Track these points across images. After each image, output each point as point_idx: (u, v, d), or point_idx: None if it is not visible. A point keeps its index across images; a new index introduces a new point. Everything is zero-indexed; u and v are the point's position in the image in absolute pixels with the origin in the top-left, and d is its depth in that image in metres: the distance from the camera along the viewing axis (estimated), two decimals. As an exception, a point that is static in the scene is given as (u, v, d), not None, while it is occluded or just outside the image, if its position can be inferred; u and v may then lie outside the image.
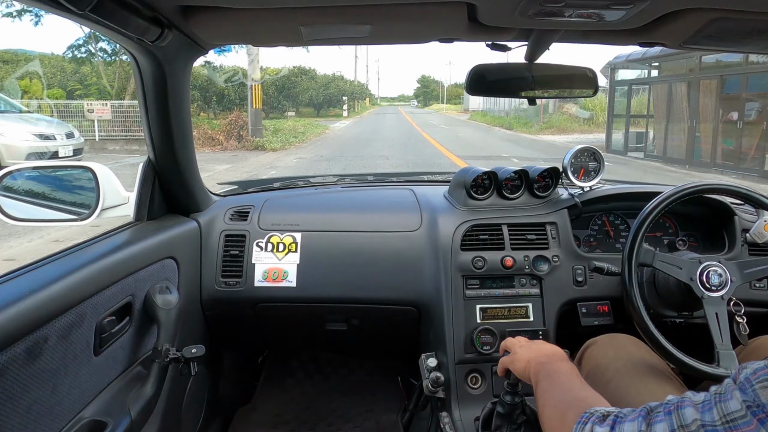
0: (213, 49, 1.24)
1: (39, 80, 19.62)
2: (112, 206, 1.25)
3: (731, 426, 0.47)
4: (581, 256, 1.45)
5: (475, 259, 1.41)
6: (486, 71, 1.26)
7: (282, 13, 0.96)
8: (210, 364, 1.62)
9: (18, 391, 0.77)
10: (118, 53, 15.09)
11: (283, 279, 1.47)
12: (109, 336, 1.01)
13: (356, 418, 1.87)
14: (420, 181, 1.93)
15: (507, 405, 1.16)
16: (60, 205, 1.27)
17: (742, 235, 1.46)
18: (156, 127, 1.23)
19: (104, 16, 0.82)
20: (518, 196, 1.54)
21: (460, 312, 1.38)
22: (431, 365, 1.34)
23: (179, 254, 1.33)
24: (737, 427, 0.47)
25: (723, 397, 0.49)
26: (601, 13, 0.89)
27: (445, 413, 1.31)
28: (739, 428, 0.46)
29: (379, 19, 1.00)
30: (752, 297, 1.37)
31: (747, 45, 1.10)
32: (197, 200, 1.48)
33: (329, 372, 2.11)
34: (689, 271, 1.17)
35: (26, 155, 8.38)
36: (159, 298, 1.15)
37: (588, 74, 1.30)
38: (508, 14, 0.92)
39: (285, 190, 1.80)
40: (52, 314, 0.84)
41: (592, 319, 1.40)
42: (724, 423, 0.47)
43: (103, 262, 1.02)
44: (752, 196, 1.24)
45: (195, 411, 1.52)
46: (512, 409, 1.16)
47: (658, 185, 1.62)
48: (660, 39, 1.08)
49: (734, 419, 0.47)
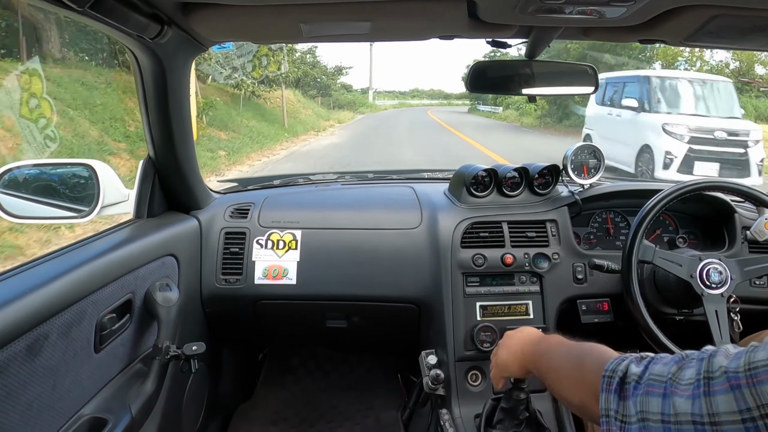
0: (213, 46, 1.24)
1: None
2: (112, 203, 1.25)
3: (752, 373, 0.48)
4: (581, 253, 1.45)
5: (475, 257, 1.41)
6: (487, 68, 1.26)
7: (282, 10, 0.96)
8: (210, 362, 1.62)
9: (19, 388, 0.77)
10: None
11: (284, 276, 1.47)
12: (109, 333, 1.02)
13: (356, 416, 1.88)
14: (420, 178, 1.93)
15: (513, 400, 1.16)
16: (60, 203, 1.26)
17: (742, 233, 1.46)
18: (156, 125, 1.23)
19: (104, 13, 0.82)
20: (518, 193, 1.54)
21: (460, 309, 1.38)
22: (431, 362, 1.34)
23: (179, 251, 1.34)
24: (758, 374, 0.48)
25: (757, 349, 0.50)
26: (601, 10, 0.89)
27: (445, 410, 1.31)
28: (759, 375, 0.48)
29: (380, 16, 1.00)
30: (752, 294, 1.37)
31: (747, 42, 1.09)
32: (197, 198, 1.48)
33: (329, 369, 2.11)
34: (689, 268, 1.17)
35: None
36: (159, 296, 1.15)
37: (588, 71, 1.30)
38: (508, 11, 0.92)
39: (285, 187, 1.80)
40: (53, 311, 0.84)
41: (592, 316, 1.40)
42: (747, 370, 0.49)
43: (104, 260, 1.02)
44: (752, 193, 1.24)
45: (195, 408, 1.52)
46: (517, 404, 1.16)
47: (658, 183, 1.62)
48: (660, 36, 1.08)
49: (757, 367, 0.48)
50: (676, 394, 0.54)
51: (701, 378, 0.53)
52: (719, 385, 0.51)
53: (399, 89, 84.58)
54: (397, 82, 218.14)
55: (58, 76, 8.14)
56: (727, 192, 1.30)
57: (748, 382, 0.48)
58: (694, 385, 0.53)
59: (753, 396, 0.48)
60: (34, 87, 7.15)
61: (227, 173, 9.03)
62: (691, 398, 0.52)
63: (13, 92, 6.47)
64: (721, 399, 0.50)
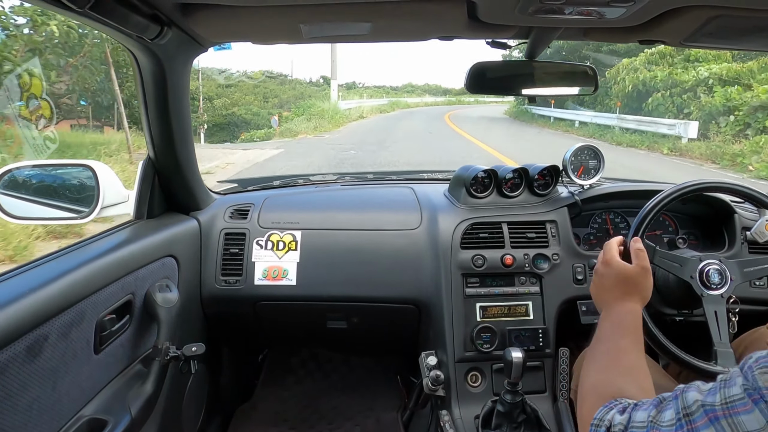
0: (213, 46, 1.24)
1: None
2: (112, 204, 1.25)
3: (729, 407, 0.51)
4: (581, 254, 1.45)
5: (475, 258, 1.41)
6: (486, 69, 1.26)
7: (282, 11, 0.96)
8: (210, 362, 1.62)
9: (18, 389, 0.77)
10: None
11: (283, 277, 1.47)
12: (109, 334, 1.01)
13: (356, 416, 1.87)
14: (420, 179, 1.93)
15: (507, 404, 1.16)
16: (60, 204, 1.26)
17: (742, 234, 1.46)
18: (156, 125, 1.23)
19: (104, 14, 0.82)
20: (518, 194, 1.54)
21: (460, 310, 1.38)
22: (431, 363, 1.34)
23: (179, 252, 1.33)
24: (734, 407, 0.51)
25: (728, 383, 0.53)
26: (601, 10, 0.89)
27: (444, 411, 1.31)
28: (735, 408, 0.51)
29: (380, 17, 1.00)
30: (751, 295, 1.37)
31: (747, 42, 1.10)
32: (197, 198, 1.48)
33: (329, 370, 2.11)
34: (689, 268, 1.17)
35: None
36: (159, 297, 1.15)
37: (588, 72, 1.30)
38: (508, 12, 0.92)
39: (285, 188, 1.80)
40: (53, 312, 0.84)
41: (592, 317, 1.40)
42: (724, 404, 0.52)
43: (103, 261, 1.02)
44: (752, 194, 1.24)
45: (195, 409, 1.52)
46: (512, 407, 1.16)
47: (658, 183, 1.62)
48: (660, 36, 1.08)
49: (733, 401, 0.51)
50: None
51: (681, 417, 0.56)
52: (700, 420, 0.54)
53: (390, 84, 73.30)
54: (386, 77, 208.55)
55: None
56: (726, 193, 1.30)
57: (725, 413, 0.52)
58: (676, 425, 0.56)
59: (731, 426, 0.51)
60: (33, 88, 7.07)
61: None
62: None
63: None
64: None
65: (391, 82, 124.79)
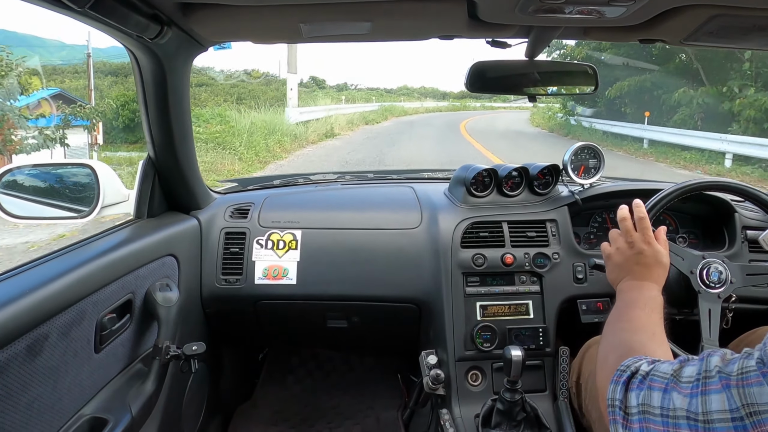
0: (213, 46, 1.24)
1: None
2: (113, 204, 1.25)
3: (743, 377, 0.54)
4: (581, 253, 1.45)
5: (475, 257, 1.41)
6: (486, 68, 1.26)
7: (282, 10, 0.96)
8: (210, 362, 1.62)
9: (19, 388, 0.77)
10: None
11: (284, 276, 1.47)
12: (109, 333, 1.02)
13: (356, 415, 1.88)
14: (420, 178, 1.93)
15: (507, 402, 1.16)
16: (60, 203, 1.27)
17: (743, 233, 1.46)
18: (156, 125, 1.23)
19: (104, 14, 0.82)
20: (518, 193, 1.54)
21: (461, 309, 1.38)
22: (431, 362, 1.34)
23: (179, 252, 1.34)
24: (748, 378, 0.54)
25: (749, 356, 0.56)
26: (601, 9, 0.89)
27: (445, 410, 1.31)
28: (749, 379, 0.54)
29: (380, 16, 1.00)
30: (751, 294, 1.37)
31: (747, 41, 1.09)
32: (197, 198, 1.48)
33: (329, 369, 2.11)
34: (691, 263, 1.17)
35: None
36: (159, 296, 1.16)
37: (588, 71, 1.30)
38: (508, 11, 0.92)
39: (285, 187, 1.80)
40: (53, 311, 0.84)
41: (592, 316, 1.40)
42: (739, 374, 0.55)
43: (104, 260, 1.02)
44: (753, 193, 1.24)
45: (195, 408, 1.52)
46: (512, 406, 1.16)
47: (658, 182, 1.62)
48: (660, 36, 1.08)
49: (748, 372, 0.54)
50: (676, 390, 0.59)
51: (701, 378, 0.58)
52: (714, 384, 0.56)
53: (385, 86, 70.61)
54: (381, 80, 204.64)
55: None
56: (727, 191, 1.30)
57: (738, 383, 0.54)
58: (694, 384, 0.58)
59: (740, 396, 0.53)
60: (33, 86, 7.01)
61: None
62: (689, 396, 0.58)
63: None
64: (715, 398, 0.55)
65: (385, 84, 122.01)
